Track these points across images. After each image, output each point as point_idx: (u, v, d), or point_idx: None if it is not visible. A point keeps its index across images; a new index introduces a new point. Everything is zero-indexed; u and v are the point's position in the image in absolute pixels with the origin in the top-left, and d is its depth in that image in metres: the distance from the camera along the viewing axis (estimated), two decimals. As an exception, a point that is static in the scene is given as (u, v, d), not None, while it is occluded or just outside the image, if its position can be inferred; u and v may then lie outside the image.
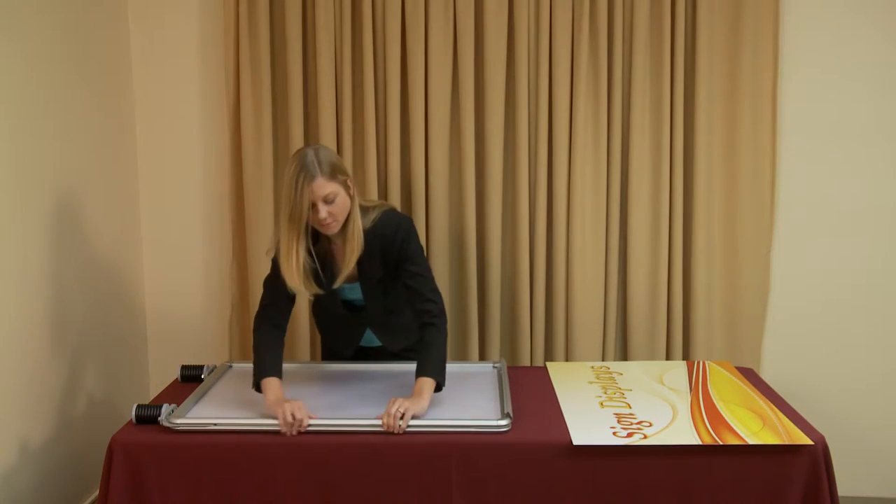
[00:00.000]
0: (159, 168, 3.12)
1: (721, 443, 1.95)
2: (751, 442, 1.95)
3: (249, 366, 2.52)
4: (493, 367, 2.53)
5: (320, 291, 2.22)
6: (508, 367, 2.56)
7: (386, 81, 2.91)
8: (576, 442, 1.96)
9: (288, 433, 2.00)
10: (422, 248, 2.31)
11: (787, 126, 2.95)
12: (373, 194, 2.94)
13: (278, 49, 2.94)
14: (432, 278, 2.29)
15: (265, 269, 2.98)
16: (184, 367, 2.48)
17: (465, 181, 2.93)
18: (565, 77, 2.89)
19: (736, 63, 2.88)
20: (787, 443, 1.95)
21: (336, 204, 2.10)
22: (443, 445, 1.98)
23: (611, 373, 2.51)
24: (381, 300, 2.34)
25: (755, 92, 2.88)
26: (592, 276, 2.98)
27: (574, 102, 2.90)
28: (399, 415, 2.00)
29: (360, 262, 2.22)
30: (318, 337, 2.76)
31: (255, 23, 2.89)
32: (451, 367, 2.53)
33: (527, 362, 3.01)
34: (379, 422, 2.01)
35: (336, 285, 2.23)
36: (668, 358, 3.02)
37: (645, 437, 1.98)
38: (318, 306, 2.46)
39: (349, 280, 2.28)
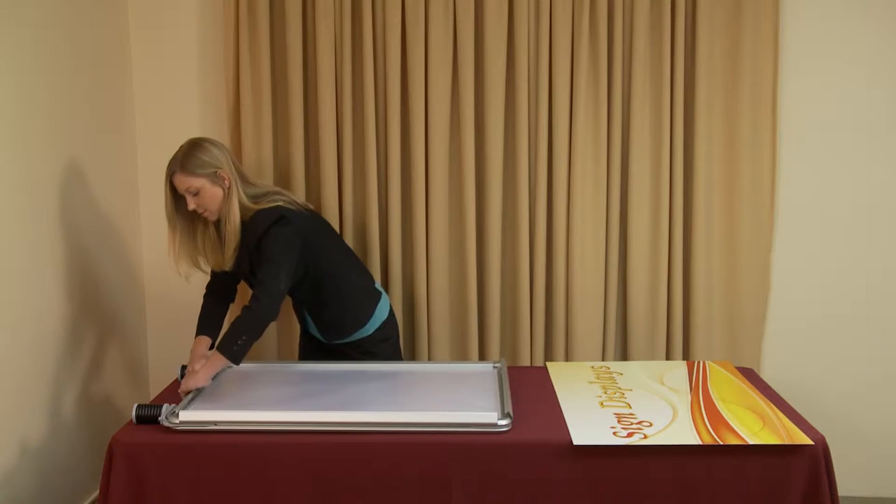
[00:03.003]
0: (160, 168, 3.10)
1: (721, 443, 1.95)
2: (751, 442, 1.95)
3: (250, 366, 2.55)
4: (493, 367, 2.53)
5: (215, 268, 2.51)
6: (508, 367, 2.56)
7: (386, 81, 2.91)
8: (576, 442, 1.96)
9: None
10: (282, 247, 2.36)
11: (788, 125, 2.95)
12: (372, 195, 2.94)
13: (278, 49, 2.94)
14: (275, 279, 2.32)
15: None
16: (184, 367, 2.47)
17: (465, 181, 2.93)
18: (565, 77, 2.89)
19: (736, 63, 2.87)
20: (787, 443, 1.95)
21: (202, 196, 2.34)
22: (443, 445, 1.98)
23: (611, 373, 2.51)
24: None
25: (755, 91, 2.88)
26: (592, 275, 2.98)
27: (574, 102, 2.90)
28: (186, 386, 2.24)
29: (239, 250, 2.42)
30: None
31: (255, 23, 2.89)
32: (451, 367, 2.54)
33: (527, 362, 3.01)
34: (377, 423, 2.03)
35: (226, 266, 2.45)
36: (668, 358, 3.02)
37: (645, 437, 1.98)
38: None
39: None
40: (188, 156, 2.34)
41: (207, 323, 2.56)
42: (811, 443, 1.95)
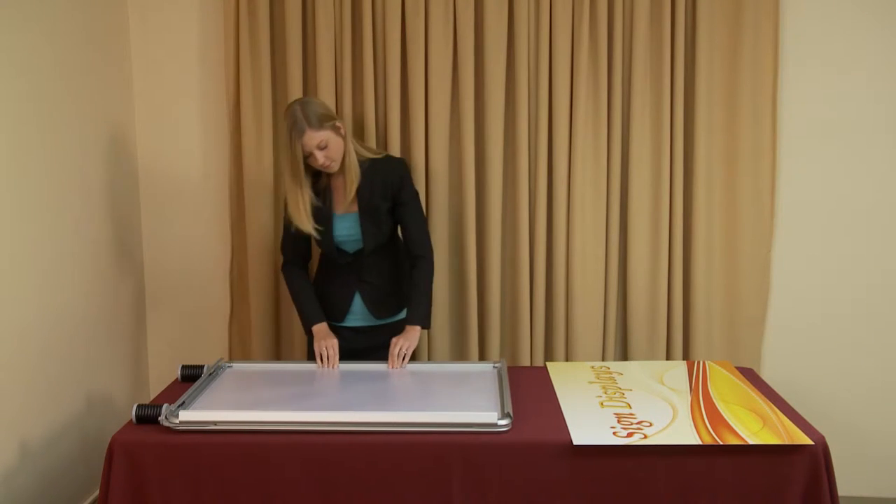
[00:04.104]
0: (159, 168, 3.12)
1: (721, 443, 1.95)
2: (751, 442, 1.95)
3: (250, 365, 2.55)
4: (493, 367, 2.53)
5: (320, 227, 2.51)
6: (508, 367, 2.56)
7: (386, 81, 2.92)
8: (576, 442, 1.96)
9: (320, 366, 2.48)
10: (418, 194, 2.62)
11: (788, 125, 2.95)
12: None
13: (278, 49, 2.94)
14: (425, 222, 2.66)
15: (265, 269, 3.01)
16: (184, 367, 2.48)
17: (465, 181, 2.94)
18: (565, 77, 2.89)
19: (736, 62, 2.88)
20: (787, 443, 1.95)
21: (330, 148, 2.42)
22: (443, 445, 1.98)
23: (611, 373, 2.51)
24: (377, 233, 2.55)
25: (755, 91, 2.88)
26: (592, 275, 2.98)
27: (574, 102, 2.90)
28: (402, 356, 2.46)
29: (359, 194, 2.52)
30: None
31: (255, 23, 2.89)
32: (451, 367, 2.54)
33: (527, 362, 3.01)
34: (378, 423, 2.03)
35: (339, 212, 2.53)
36: (668, 358, 3.02)
37: (645, 437, 1.98)
38: (321, 257, 2.71)
39: (348, 210, 2.55)
40: (310, 113, 2.38)
41: (314, 306, 2.59)
42: (811, 443, 1.95)
